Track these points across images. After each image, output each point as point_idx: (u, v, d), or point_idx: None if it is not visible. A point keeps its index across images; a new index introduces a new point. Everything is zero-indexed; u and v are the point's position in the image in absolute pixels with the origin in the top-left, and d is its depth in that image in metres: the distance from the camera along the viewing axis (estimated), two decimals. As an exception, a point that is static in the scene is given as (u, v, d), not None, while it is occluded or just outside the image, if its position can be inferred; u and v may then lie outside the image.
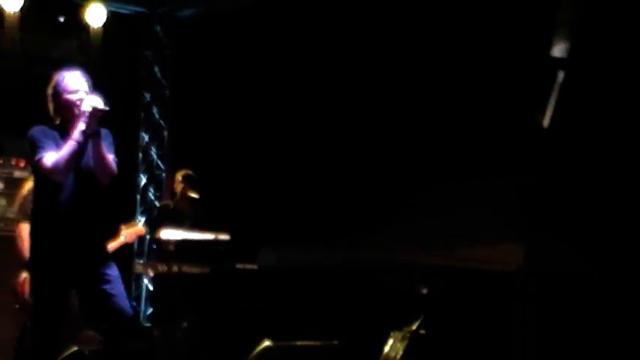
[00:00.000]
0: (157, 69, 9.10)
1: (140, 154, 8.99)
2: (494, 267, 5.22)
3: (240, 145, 7.83)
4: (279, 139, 7.50)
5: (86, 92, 4.29)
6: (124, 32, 8.58)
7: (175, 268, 6.24)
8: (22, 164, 7.16)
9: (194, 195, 7.07)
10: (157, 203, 8.77)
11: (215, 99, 8.12)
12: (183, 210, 7.16)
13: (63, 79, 4.35)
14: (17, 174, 7.13)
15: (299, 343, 5.38)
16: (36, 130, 4.28)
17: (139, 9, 8.76)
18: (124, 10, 8.68)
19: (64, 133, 4.25)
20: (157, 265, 6.54)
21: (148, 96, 9.06)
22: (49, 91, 4.38)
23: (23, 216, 5.67)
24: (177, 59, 9.05)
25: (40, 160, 4.16)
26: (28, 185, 5.76)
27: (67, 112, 4.31)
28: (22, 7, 7.58)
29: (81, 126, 4.15)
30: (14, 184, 6.75)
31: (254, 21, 7.70)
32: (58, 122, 4.37)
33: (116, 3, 8.48)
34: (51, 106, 4.38)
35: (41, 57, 8.05)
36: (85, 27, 8.16)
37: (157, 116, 9.10)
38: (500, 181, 5.46)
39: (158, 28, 9.02)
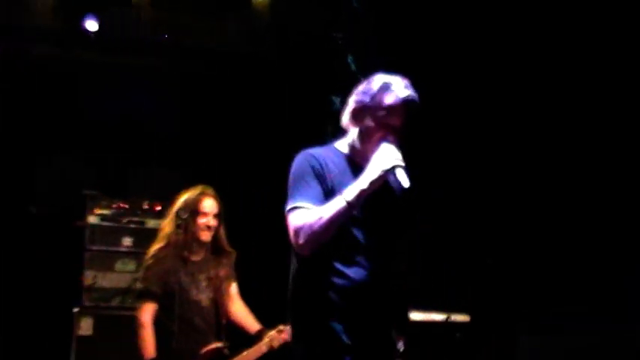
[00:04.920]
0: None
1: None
2: None
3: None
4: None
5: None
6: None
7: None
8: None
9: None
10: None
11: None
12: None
13: (385, 90, 2.87)
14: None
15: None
16: (299, 161, 2.87)
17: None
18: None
19: (352, 160, 2.93)
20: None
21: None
22: (355, 97, 2.95)
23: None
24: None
25: (287, 213, 2.80)
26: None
27: (367, 135, 2.89)
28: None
29: (362, 184, 2.74)
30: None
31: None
32: (348, 139, 2.98)
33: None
34: (347, 115, 2.97)
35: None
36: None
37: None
38: None
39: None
